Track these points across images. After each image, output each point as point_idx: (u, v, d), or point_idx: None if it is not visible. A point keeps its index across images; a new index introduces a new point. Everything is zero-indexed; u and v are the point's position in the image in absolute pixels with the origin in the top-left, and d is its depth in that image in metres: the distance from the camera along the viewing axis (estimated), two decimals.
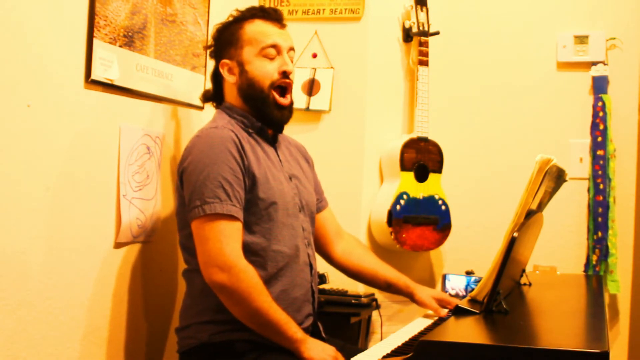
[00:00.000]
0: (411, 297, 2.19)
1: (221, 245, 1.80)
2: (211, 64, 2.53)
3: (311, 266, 2.03)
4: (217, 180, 1.82)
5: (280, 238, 1.93)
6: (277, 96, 2.00)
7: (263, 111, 2.00)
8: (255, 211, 1.90)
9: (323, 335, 2.05)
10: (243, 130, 1.98)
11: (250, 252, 1.88)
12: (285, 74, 2.00)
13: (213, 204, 1.81)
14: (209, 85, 2.56)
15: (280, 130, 2.09)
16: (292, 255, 1.95)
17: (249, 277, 1.80)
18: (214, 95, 2.13)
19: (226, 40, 2.05)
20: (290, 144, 2.18)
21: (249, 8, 2.08)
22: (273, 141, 2.06)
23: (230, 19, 2.09)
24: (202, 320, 1.91)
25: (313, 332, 2.01)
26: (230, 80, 2.03)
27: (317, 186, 2.24)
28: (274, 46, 1.99)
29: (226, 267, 1.78)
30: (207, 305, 1.89)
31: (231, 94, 2.05)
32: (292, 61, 2.05)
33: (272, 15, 2.04)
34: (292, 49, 2.06)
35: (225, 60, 2.04)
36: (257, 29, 2.02)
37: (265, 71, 1.98)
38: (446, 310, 2.11)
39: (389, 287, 2.23)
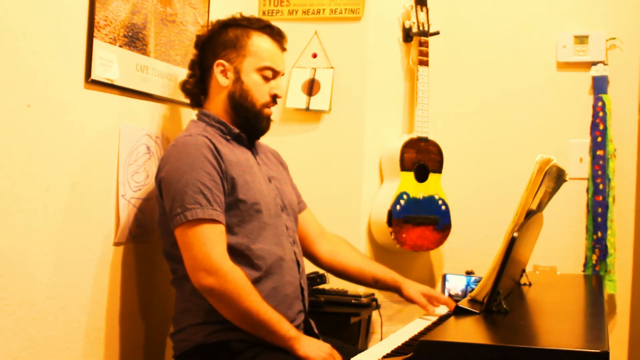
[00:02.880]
0: (399, 292, 2.20)
1: (206, 249, 1.81)
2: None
3: (298, 263, 2.04)
4: (196, 186, 1.84)
5: (264, 238, 1.95)
6: (267, 110, 2.07)
7: (251, 122, 2.05)
8: (238, 213, 1.92)
9: (316, 331, 2.05)
10: (220, 137, 2.00)
11: (235, 253, 1.88)
12: (274, 98, 2.07)
13: (194, 209, 1.82)
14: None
15: (259, 137, 2.13)
16: (278, 254, 1.96)
17: (237, 279, 1.80)
18: (196, 88, 2.11)
19: (229, 42, 2.05)
20: (265, 150, 2.20)
21: (258, 19, 2.10)
22: (250, 146, 2.09)
23: (236, 20, 2.09)
24: (196, 322, 1.91)
25: (305, 329, 2.02)
26: (222, 82, 2.04)
27: (295, 189, 2.26)
28: (273, 69, 2.05)
29: (213, 270, 1.79)
30: (200, 307, 1.89)
31: (217, 96, 2.06)
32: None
33: (280, 38, 2.10)
34: (283, 74, 2.13)
35: (222, 61, 2.04)
36: (264, 45, 2.05)
37: (260, 91, 2.04)
38: (444, 310, 2.12)
39: (376, 283, 2.24)
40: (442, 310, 2.17)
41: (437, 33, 3.03)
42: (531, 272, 2.46)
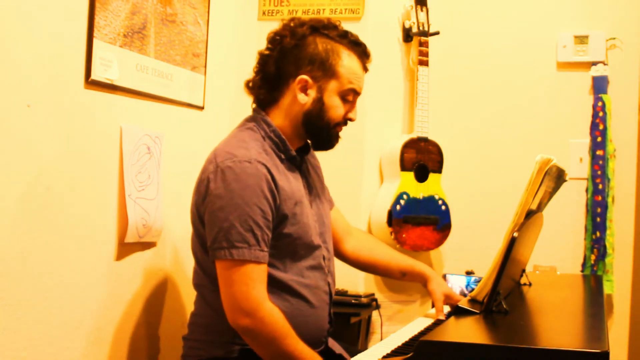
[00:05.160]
0: (424, 285, 2.17)
1: (247, 289, 1.75)
2: (214, 62, 2.54)
3: (330, 295, 1.99)
4: (248, 224, 1.75)
5: (298, 271, 1.89)
6: (338, 128, 1.97)
7: (320, 140, 1.96)
8: (277, 245, 1.84)
9: (336, 352, 2.01)
10: (275, 155, 1.89)
11: (268, 283, 1.82)
12: (347, 122, 1.97)
13: (241, 249, 1.75)
14: (214, 83, 2.56)
15: (320, 150, 2.05)
16: (311, 286, 1.91)
17: (274, 322, 1.76)
18: (265, 95, 1.94)
19: (318, 57, 1.88)
20: (310, 159, 2.09)
21: (348, 32, 1.94)
22: (301, 164, 1.99)
23: (326, 27, 1.92)
24: (212, 339, 1.87)
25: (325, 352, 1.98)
26: (300, 100, 1.89)
27: (325, 189, 2.18)
28: (355, 92, 1.94)
29: (251, 312, 1.74)
30: (226, 328, 1.82)
31: (289, 109, 1.91)
32: None
33: (366, 59, 1.97)
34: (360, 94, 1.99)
35: (305, 77, 1.88)
36: (353, 66, 1.92)
37: (337, 112, 1.92)
38: (448, 309, 2.11)
39: (404, 277, 2.22)
40: (446, 309, 2.16)
41: (437, 33, 3.03)
42: (531, 272, 2.46)
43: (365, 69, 1.98)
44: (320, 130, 1.93)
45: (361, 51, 1.95)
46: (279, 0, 2.99)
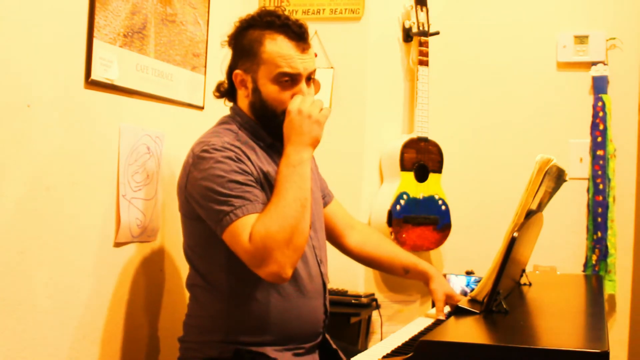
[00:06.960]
0: (426, 284, 2.16)
1: (241, 243, 1.72)
2: (214, 62, 2.54)
3: (324, 284, 1.98)
4: (242, 188, 1.75)
5: None
6: None
7: (276, 131, 1.90)
8: None
9: (334, 347, 2.00)
10: (254, 143, 1.91)
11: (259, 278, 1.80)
12: None
13: (243, 207, 1.73)
14: (214, 83, 2.56)
15: None
16: (302, 275, 1.89)
17: (262, 237, 1.69)
18: (230, 91, 2.00)
19: (244, 49, 1.90)
20: None
21: (277, 16, 1.90)
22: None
23: (256, 19, 1.92)
24: (208, 340, 1.87)
25: (322, 346, 1.98)
26: (241, 93, 1.93)
27: (322, 182, 2.19)
28: (290, 75, 1.86)
29: (256, 259, 1.70)
30: (219, 327, 1.84)
31: (243, 103, 1.95)
32: (313, 83, 1.93)
33: (296, 35, 1.88)
34: (312, 73, 1.91)
35: (238, 72, 1.91)
36: (277, 49, 1.86)
37: (278, 100, 1.87)
38: (448, 309, 2.11)
39: (407, 274, 2.20)
40: (446, 309, 2.16)
41: (437, 33, 3.03)
42: (531, 272, 2.46)
43: (302, 47, 1.89)
44: (270, 121, 1.90)
45: (287, 30, 1.88)
46: (279, 0, 2.99)
